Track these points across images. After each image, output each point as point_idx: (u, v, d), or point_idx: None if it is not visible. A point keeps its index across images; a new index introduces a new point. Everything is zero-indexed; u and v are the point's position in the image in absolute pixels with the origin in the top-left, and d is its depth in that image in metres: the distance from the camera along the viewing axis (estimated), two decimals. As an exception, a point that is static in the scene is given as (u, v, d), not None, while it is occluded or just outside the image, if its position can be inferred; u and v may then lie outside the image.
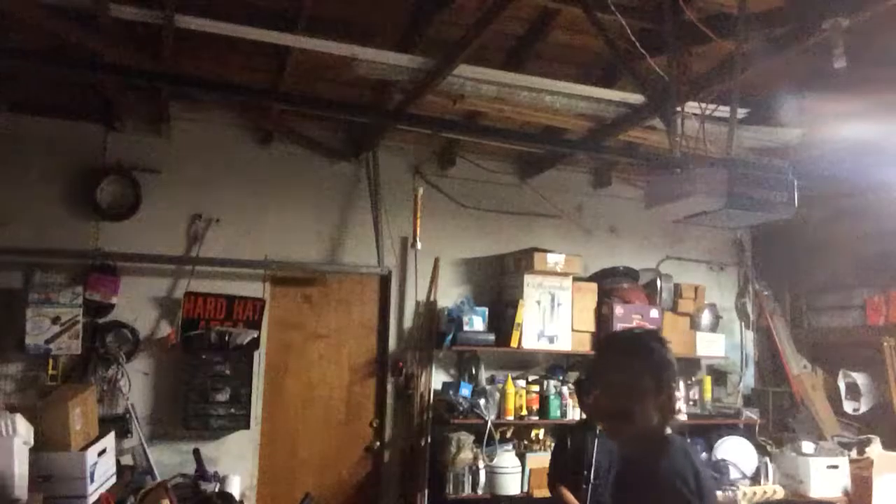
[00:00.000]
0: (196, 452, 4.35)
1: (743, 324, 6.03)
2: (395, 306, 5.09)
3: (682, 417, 5.28)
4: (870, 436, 5.08)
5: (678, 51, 3.44)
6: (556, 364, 5.32)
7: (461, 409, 4.73)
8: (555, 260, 5.02)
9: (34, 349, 4.17)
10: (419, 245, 5.00)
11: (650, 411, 1.76)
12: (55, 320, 4.20)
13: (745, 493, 4.96)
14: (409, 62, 3.69)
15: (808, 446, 5.11)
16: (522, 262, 5.07)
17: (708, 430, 5.42)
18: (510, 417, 4.91)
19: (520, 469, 4.85)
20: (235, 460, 4.61)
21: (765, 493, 5.03)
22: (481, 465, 4.72)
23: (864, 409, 5.22)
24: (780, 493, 5.06)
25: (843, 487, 4.95)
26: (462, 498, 4.70)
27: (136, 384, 4.41)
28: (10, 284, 4.27)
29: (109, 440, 3.78)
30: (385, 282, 5.12)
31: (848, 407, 5.29)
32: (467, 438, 4.71)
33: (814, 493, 4.91)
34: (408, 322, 5.09)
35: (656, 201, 3.37)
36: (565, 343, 5.11)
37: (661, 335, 1.90)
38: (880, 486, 4.80)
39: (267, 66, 4.07)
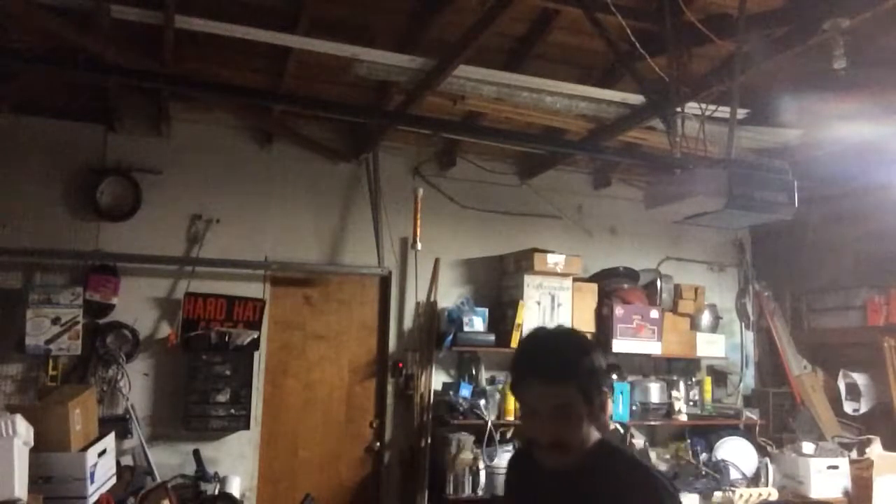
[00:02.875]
0: (196, 453, 4.35)
1: (743, 324, 6.03)
2: (396, 307, 5.09)
3: (683, 418, 5.29)
4: (870, 436, 5.07)
5: (678, 51, 3.45)
6: (556, 365, 5.30)
7: (461, 409, 4.73)
8: (555, 260, 5.02)
9: (34, 349, 4.17)
10: (419, 245, 5.00)
11: (586, 432, 1.56)
12: (55, 321, 4.20)
13: (741, 496, 4.96)
14: (410, 63, 3.69)
15: (808, 447, 5.11)
16: (522, 262, 5.07)
17: (708, 430, 5.42)
18: (510, 418, 4.90)
19: (520, 470, 4.84)
20: (235, 461, 4.60)
21: (760, 495, 5.03)
22: (481, 465, 4.71)
23: (864, 409, 5.22)
24: (775, 495, 5.06)
25: (843, 488, 4.95)
26: (462, 499, 4.69)
27: (136, 385, 4.41)
28: (10, 285, 4.27)
29: (109, 441, 3.77)
30: (385, 282, 5.12)
31: (848, 407, 5.29)
32: (467, 439, 4.70)
33: (814, 494, 4.91)
34: (408, 323, 5.09)
35: (656, 202, 3.37)
36: (565, 343, 5.09)
37: (578, 332, 1.71)
38: (880, 487, 4.80)
39: (267, 66, 4.07)
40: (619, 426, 4.98)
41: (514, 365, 1.65)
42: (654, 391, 5.25)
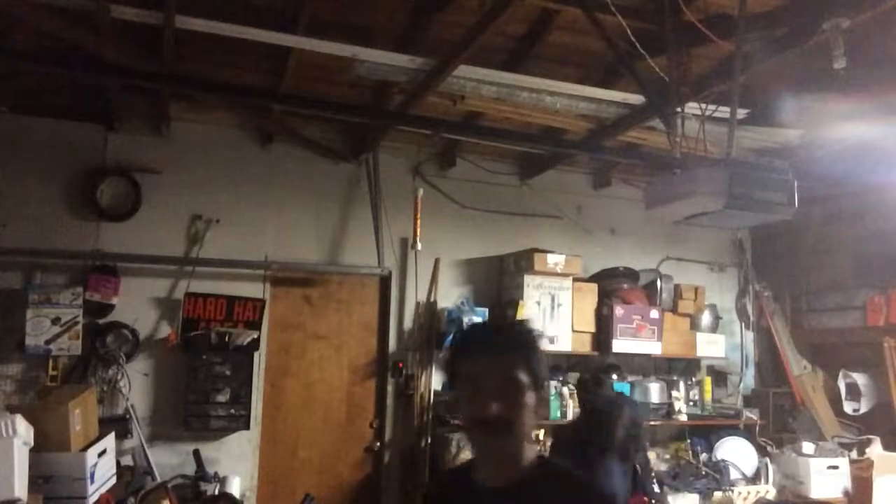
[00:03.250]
0: (196, 453, 4.35)
1: (743, 324, 6.03)
2: (396, 307, 5.09)
3: (683, 418, 5.29)
4: (870, 436, 5.07)
5: (678, 51, 3.45)
6: (557, 365, 5.31)
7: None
8: (555, 260, 5.02)
9: (34, 350, 4.17)
10: (419, 246, 5.00)
11: (530, 417, 1.50)
12: (55, 321, 4.20)
13: (739, 493, 4.97)
14: (410, 63, 3.69)
15: (808, 447, 5.11)
16: (522, 262, 5.07)
17: (708, 430, 5.42)
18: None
19: (520, 469, 4.84)
20: (235, 461, 4.61)
21: (758, 492, 5.03)
22: (481, 465, 4.71)
23: (864, 409, 5.22)
24: (773, 493, 5.06)
25: (843, 488, 4.95)
26: (462, 498, 4.69)
27: (136, 385, 4.41)
28: (10, 285, 4.27)
29: (109, 441, 3.78)
30: (385, 282, 5.12)
31: (848, 407, 5.29)
32: (467, 439, 4.70)
33: (814, 494, 4.91)
34: (408, 323, 5.09)
35: (656, 202, 3.37)
36: (565, 344, 5.11)
37: (530, 324, 1.64)
38: (880, 487, 4.80)
39: (267, 66, 4.07)
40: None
41: (458, 346, 1.63)
42: (654, 391, 5.25)
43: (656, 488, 4.41)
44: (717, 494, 4.93)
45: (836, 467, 4.96)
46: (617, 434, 3.06)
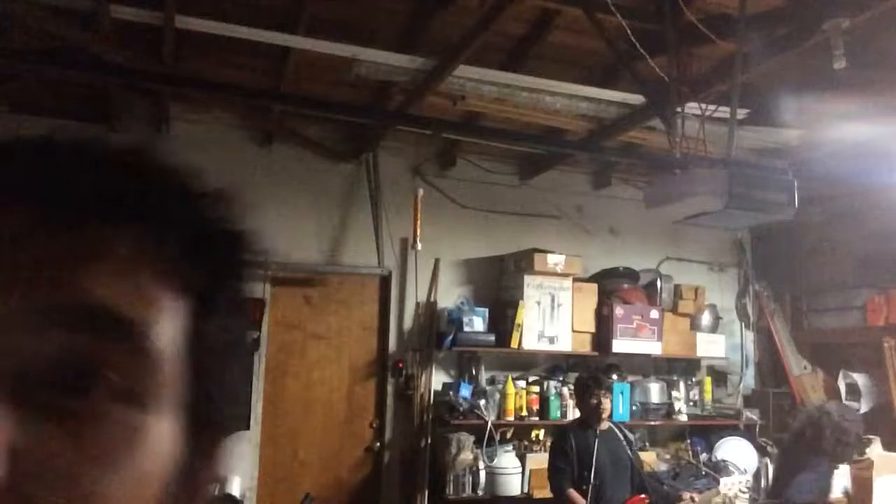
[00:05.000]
0: (196, 453, 4.34)
1: (743, 324, 6.03)
2: (396, 307, 5.09)
3: (683, 418, 5.29)
4: (870, 437, 5.07)
5: (678, 51, 3.45)
6: (557, 365, 5.31)
7: (461, 409, 4.73)
8: (555, 261, 5.02)
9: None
10: (419, 245, 5.00)
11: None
12: (55, 321, 4.19)
13: (724, 483, 4.94)
14: (410, 63, 3.69)
15: (808, 447, 5.11)
16: (522, 262, 5.07)
17: (708, 430, 5.42)
18: (510, 418, 4.91)
19: (520, 470, 4.85)
20: (235, 461, 4.59)
21: (739, 482, 5.00)
22: (481, 465, 4.72)
23: (864, 409, 5.22)
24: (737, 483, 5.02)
25: (843, 488, 4.94)
26: (462, 499, 4.70)
27: (136, 385, 4.40)
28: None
29: (109, 441, 3.77)
30: (385, 282, 5.12)
31: (848, 407, 5.29)
32: (467, 439, 4.70)
33: (814, 494, 4.91)
34: (408, 323, 5.09)
35: (656, 202, 3.38)
36: (565, 344, 5.10)
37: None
38: (880, 488, 4.79)
39: (267, 66, 4.07)
40: None
41: None
42: (654, 391, 5.25)
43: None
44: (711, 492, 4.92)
45: (836, 467, 4.95)
46: (826, 439, 3.51)
